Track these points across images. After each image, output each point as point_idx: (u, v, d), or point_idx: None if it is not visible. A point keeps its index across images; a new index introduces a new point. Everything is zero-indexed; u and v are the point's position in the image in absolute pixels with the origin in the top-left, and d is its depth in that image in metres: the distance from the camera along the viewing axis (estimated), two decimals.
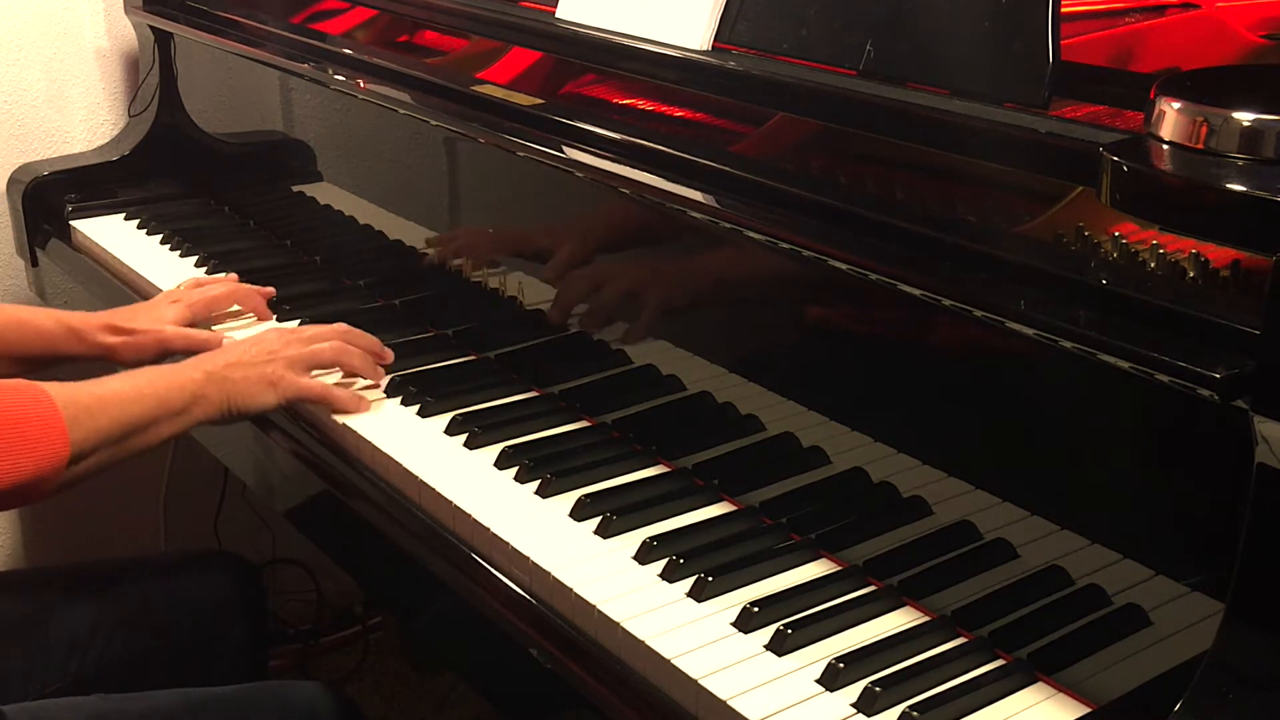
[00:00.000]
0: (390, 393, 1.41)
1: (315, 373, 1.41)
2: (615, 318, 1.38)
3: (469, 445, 1.32)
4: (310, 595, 2.42)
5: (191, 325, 1.56)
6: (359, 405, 1.38)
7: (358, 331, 1.45)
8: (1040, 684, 0.99)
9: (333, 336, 1.42)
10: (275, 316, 1.63)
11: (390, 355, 1.46)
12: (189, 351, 1.53)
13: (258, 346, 1.38)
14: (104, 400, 1.23)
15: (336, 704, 1.41)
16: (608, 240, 1.40)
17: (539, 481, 1.25)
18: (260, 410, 1.36)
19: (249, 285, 1.65)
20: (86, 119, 2.23)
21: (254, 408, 1.35)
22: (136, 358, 1.53)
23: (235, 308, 1.63)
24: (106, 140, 2.21)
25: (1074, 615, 1.01)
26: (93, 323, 1.53)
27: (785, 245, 1.13)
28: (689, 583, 1.10)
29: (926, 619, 1.06)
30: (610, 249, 1.41)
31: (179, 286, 1.65)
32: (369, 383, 1.43)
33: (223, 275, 1.71)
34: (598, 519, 1.19)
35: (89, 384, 1.25)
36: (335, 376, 1.42)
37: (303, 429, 1.41)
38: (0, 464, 1.13)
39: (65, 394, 1.20)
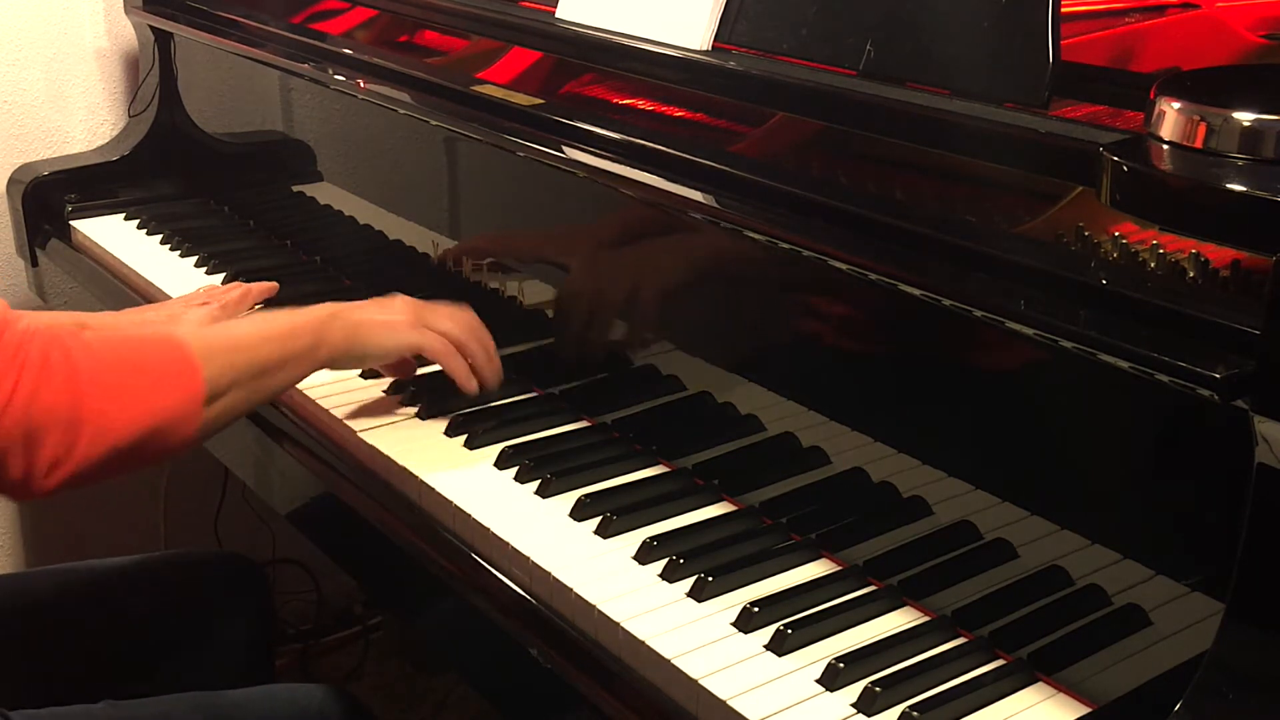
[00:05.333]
0: (390, 393, 1.41)
1: (334, 375, 1.42)
2: (616, 320, 1.38)
3: (469, 445, 1.32)
4: (310, 595, 2.42)
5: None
6: (469, 381, 1.35)
7: (483, 331, 1.39)
8: (1040, 684, 0.99)
9: (461, 329, 1.37)
10: None
11: (496, 363, 1.39)
12: None
13: (383, 300, 1.38)
14: (233, 339, 1.24)
15: (346, 706, 1.41)
16: (610, 242, 1.40)
17: (539, 481, 1.25)
18: (380, 353, 1.36)
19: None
20: (86, 119, 2.24)
21: (375, 350, 1.34)
22: None
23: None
24: (106, 140, 2.21)
25: (1074, 615, 1.01)
26: (113, 325, 1.50)
27: (785, 245, 1.13)
28: (689, 583, 1.10)
29: (926, 619, 1.06)
30: (610, 250, 1.41)
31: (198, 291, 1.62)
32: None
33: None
34: (598, 519, 1.19)
35: (216, 328, 1.28)
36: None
37: (304, 430, 1.41)
38: (140, 404, 1.12)
39: (198, 337, 1.21)
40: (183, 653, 1.53)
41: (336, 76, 1.67)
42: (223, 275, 1.77)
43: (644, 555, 1.14)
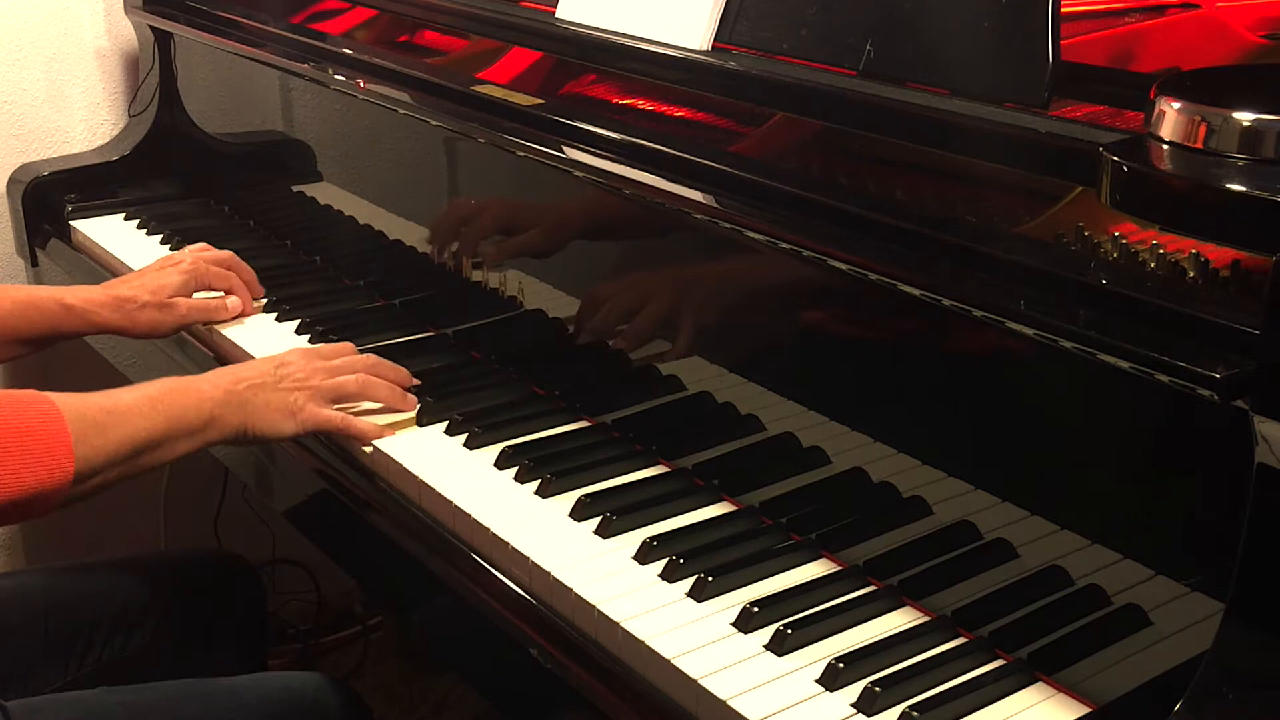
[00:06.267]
0: None
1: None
2: (618, 322, 1.38)
3: (469, 445, 1.32)
4: (310, 595, 2.42)
5: (196, 290, 1.57)
6: (380, 434, 1.33)
7: (385, 363, 1.40)
8: (1040, 684, 0.99)
9: (360, 368, 1.36)
10: (275, 316, 1.63)
11: (414, 386, 1.40)
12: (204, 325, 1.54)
13: (282, 369, 1.33)
14: (115, 415, 1.19)
15: (340, 694, 1.41)
16: (595, 232, 1.41)
17: (539, 481, 1.25)
18: (277, 438, 1.32)
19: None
20: (86, 119, 2.23)
21: (271, 435, 1.31)
22: (149, 333, 1.53)
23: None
24: (106, 140, 2.21)
25: (1074, 615, 1.01)
26: (96, 300, 1.51)
27: (785, 245, 1.13)
28: (689, 583, 1.10)
29: (926, 619, 1.06)
30: (601, 241, 1.41)
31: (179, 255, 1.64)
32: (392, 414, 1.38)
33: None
34: (598, 519, 1.19)
35: (101, 396, 1.21)
36: None
37: None
38: (2, 480, 1.10)
39: (75, 408, 1.16)
40: (179, 652, 1.53)
41: (336, 76, 1.67)
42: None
43: (644, 555, 1.14)
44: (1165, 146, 0.91)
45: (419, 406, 1.38)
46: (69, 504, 1.17)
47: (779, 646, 1.02)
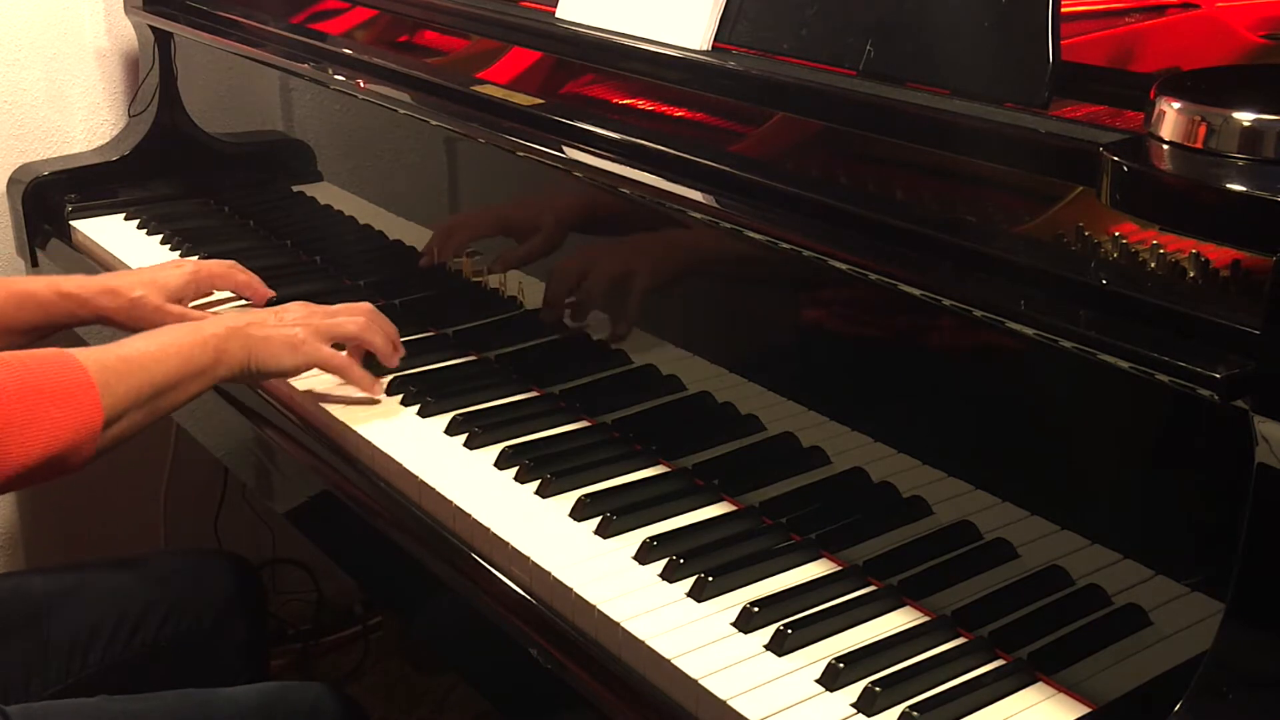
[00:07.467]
0: (390, 392, 1.41)
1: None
2: (611, 315, 1.38)
3: (469, 445, 1.32)
4: (310, 595, 2.42)
5: (195, 295, 1.59)
6: (374, 386, 1.39)
7: (381, 315, 1.45)
8: (1040, 684, 0.99)
9: (359, 313, 1.42)
10: None
11: (402, 351, 1.45)
12: None
13: (281, 313, 1.39)
14: (131, 362, 1.24)
15: (341, 705, 1.41)
16: (591, 228, 1.41)
17: (539, 481, 1.25)
18: (280, 371, 1.37)
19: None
20: (86, 119, 2.24)
21: (274, 368, 1.35)
22: (133, 325, 1.53)
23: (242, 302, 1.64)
24: (106, 140, 2.21)
25: (1074, 615, 1.01)
26: (91, 287, 1.53)
27: (785, 245, 1.13)
28: (689, 583, 1.10)
29: (926, 619, 1.06)
30: (609, 248, 1.41)
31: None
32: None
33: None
34: (598, 519, 1.19)
35: (114, 346, 1.26)
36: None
37: (303, 429, 1.41)
38: (38, 434, 1.13)
39: (94, 359, 1.21)
40: (179, 652, 1.53)
41: (336, 76, 1.67)
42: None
43: (644, 555, 1.14)
44: (1165, 146, 0.91)
45: (420, 403, 1.38)
46: (98, 456, 1.20)
47: (779, 646, 1.02)
